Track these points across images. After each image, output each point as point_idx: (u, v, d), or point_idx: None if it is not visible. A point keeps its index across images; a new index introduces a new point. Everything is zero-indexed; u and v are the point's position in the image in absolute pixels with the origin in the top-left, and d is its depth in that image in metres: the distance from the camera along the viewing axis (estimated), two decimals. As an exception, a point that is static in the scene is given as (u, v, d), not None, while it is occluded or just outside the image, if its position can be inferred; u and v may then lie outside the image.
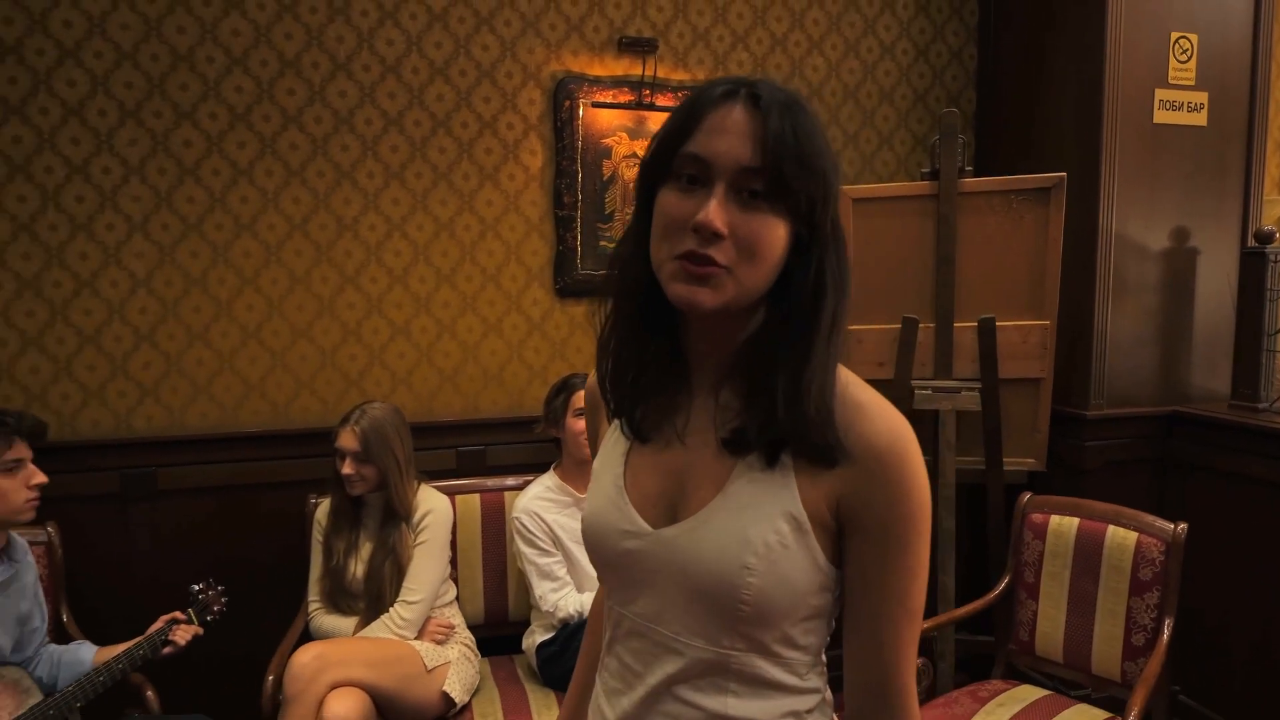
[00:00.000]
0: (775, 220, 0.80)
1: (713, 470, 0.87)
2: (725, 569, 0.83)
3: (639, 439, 0.92)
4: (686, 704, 0.87)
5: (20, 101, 2.38)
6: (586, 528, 0.93)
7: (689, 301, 0.81)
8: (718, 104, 0.82)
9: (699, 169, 0.81)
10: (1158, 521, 2.28)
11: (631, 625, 0.90)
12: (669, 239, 0.82)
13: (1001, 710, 2.26)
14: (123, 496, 2.49)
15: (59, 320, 2.46)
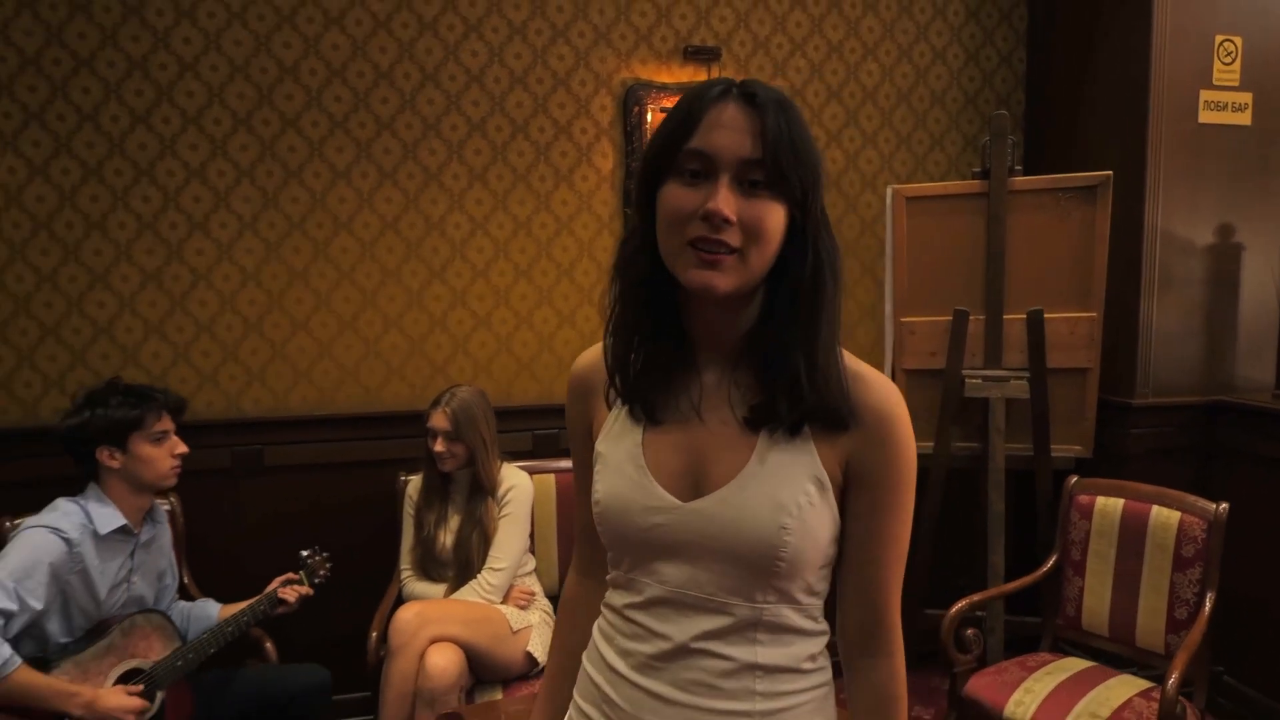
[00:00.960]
0: (776, 205, 0.88)
1: (736, 444, 0.93)
2: (764, 531, 0.90)
3: (652, 421, 0.96)
4: (718, 657, 0.93)
5: (145, 111, 2.63)
6: (605, 509, 0.97)
7: (706, 286, 0.87)
8: (714, 103, 0.88)
9: (702, 163, 0.87)
10: (1200, 501, 2.41)
11: (657, 594, 0.95)
12: (679, 229, 0.88)
13: (1049, 678, 2.40)
14: (233, 472, 2.73)
15: (178, 310, 2.71)
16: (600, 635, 1.03)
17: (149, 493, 2.09)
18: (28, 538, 1.88)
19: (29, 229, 2.59)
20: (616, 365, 0.97)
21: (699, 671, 0.93)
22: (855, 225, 3.25)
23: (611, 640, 0.99)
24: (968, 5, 3.25)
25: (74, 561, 1.92)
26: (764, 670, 0.94)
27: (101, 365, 2.66)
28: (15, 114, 2.55)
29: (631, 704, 0.96)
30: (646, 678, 0.95)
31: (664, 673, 0.94)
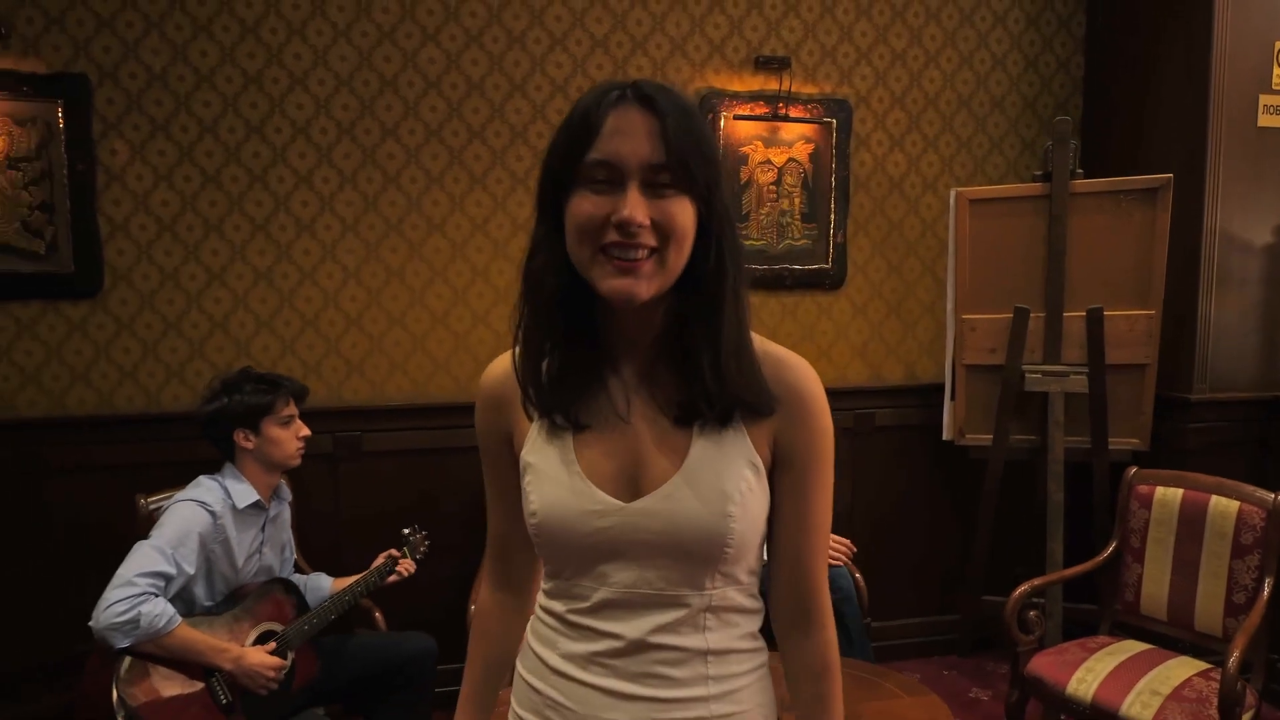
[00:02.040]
0: (685, 202, 0.87)
1: (669, 440, 0.94)
2: (711, 522, 0.91)
3: (577, 429, 0.95)
4: (670, 649, 0.94)
5: (259, 122, 2.85)
6: (544, 519, 0.95)
7: (627, 295, 0.87)
8: (611, 109, 0.87)
9: (608, 172, 0.86)
10: (1258, 491, 2.51)
11: (604, 596, 0.95)
12: (590, 238, 0.87)
13: (1110, 659, 2.52)
14: (334, 457, 2.94)
15: (286, 306, 2.92)
16: (538, 640, 1.02)
17: (277, 471, 2.29)
18: (178, 510, 2.09)
19: (154, 231, 2.82)
20: (528, 377, 0.95)
21: (652, 664, 0.94)
22: (916, 226, 3.38)
23: (553, 644, 0.99)
24: (1027, 13, 3.36)
25: (218, 532, 2.13)
26: (714, 654, 0.96)
27: (217, 357, 2.88)
28: (143, 125, 2.78)
29: (582, 703, 0.96)
30: (598, 675, 0.95)
31: (616, 669, 0.95)
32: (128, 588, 1.92)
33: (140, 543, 2.03)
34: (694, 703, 0.95)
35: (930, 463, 3.41)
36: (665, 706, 0.94)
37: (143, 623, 1.90)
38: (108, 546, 2.70)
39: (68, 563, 2.79)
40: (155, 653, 1.95)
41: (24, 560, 2.77)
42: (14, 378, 2.79)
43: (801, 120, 3.18)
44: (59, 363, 2.81)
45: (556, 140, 0.90)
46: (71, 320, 2.80)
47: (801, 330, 3.31)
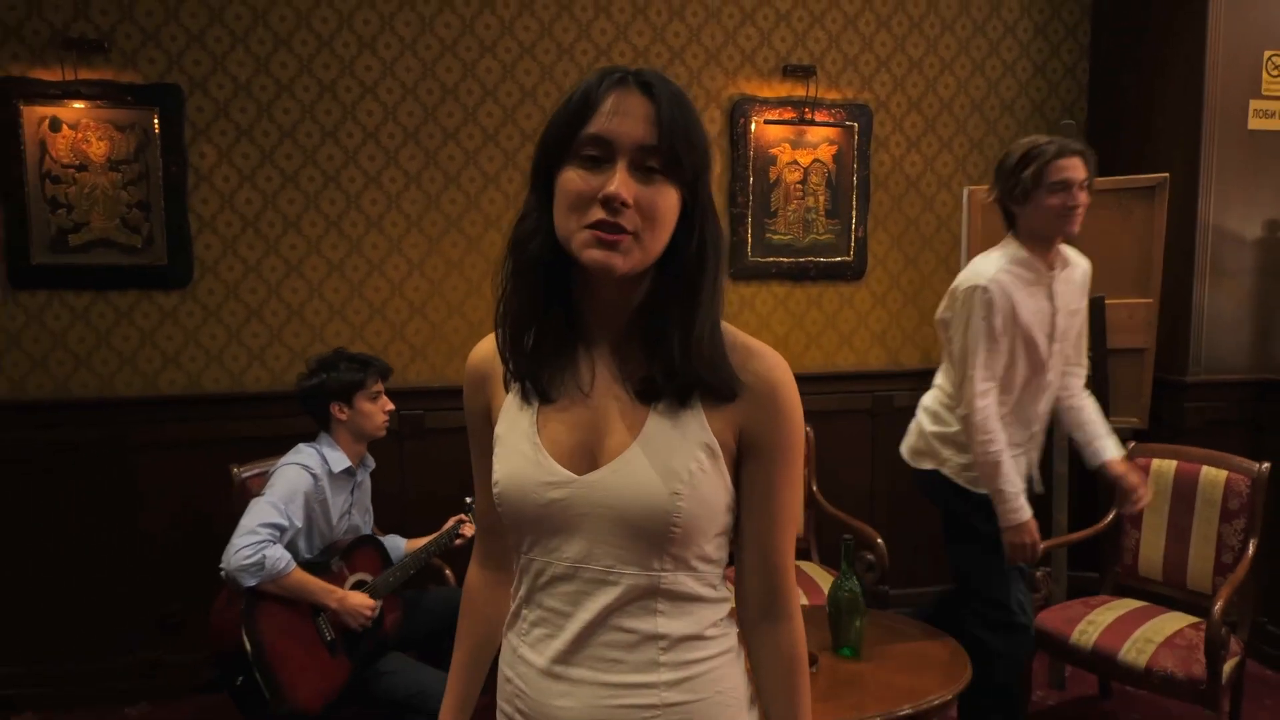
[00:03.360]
0: (669, 189, 0.90)
1: (628, 416, 0.96)
2: (657, 499, 0.92)
3: (544, 399, 0.97)
4: (621, 630, 0.95)
5: (333, 127, 3.12)
6: (504, 490, 0.97)
7: (604, 266, 0.89)
8: (612, 89, 0.90)
9: (601, 149, 0.89)
10: (1245, 462, 2.77)
11: (557, 571, 0.96)
12: (577, 212, 0.90)
13: (1109, 613, 2.78)
14: (399, 434, 3.21)
15: (356, 296, 3.20)
16: (507, 626, 1.05)
17: (365, 441, 2.57)
18: (286, 473, 2.37)
19: (239, 227, 3.11)
20: (509, 344, 0.98)
21: (603, 648, 0.95)
22: (932, 221, 3.64)
23: (524, 634, 1.01)
24: (1035, 23, 3.62)
25: (318, 492, 2.41)
26: (668, 640, 0.96)
27: (294, 342, 3.17)
28: (229, 131, 3.06)
29: (537, 690, 0.98)
30: (550, 661, 0.97)
31: (571, 655, 0.96)
32: (251, 535, 2.20)
33: (256, 499, 2.31)
34: (644, 689, 0.95)
35: (945, 441, 3.66)
36: (614, 692, 0.95)
37: (266, 565, 2.19)
38: (196, 512, 3.02)
39: (161, 527, 3.08)
40: (274, 592, 2.23)
41: (123, 525, 3.06)
42: (112, 361, 3.08)
43: (826, 124, 3.44)
44: (152, 347, 3.10)
45: (555, 116, 0.93)
46: (164, 308, 3.09)
47: (825, 318, 3.57)
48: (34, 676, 3.05)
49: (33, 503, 3.01)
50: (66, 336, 3.04)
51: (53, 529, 3.03)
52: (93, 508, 3.05)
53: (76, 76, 2.92)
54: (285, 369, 3.14)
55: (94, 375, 3.06)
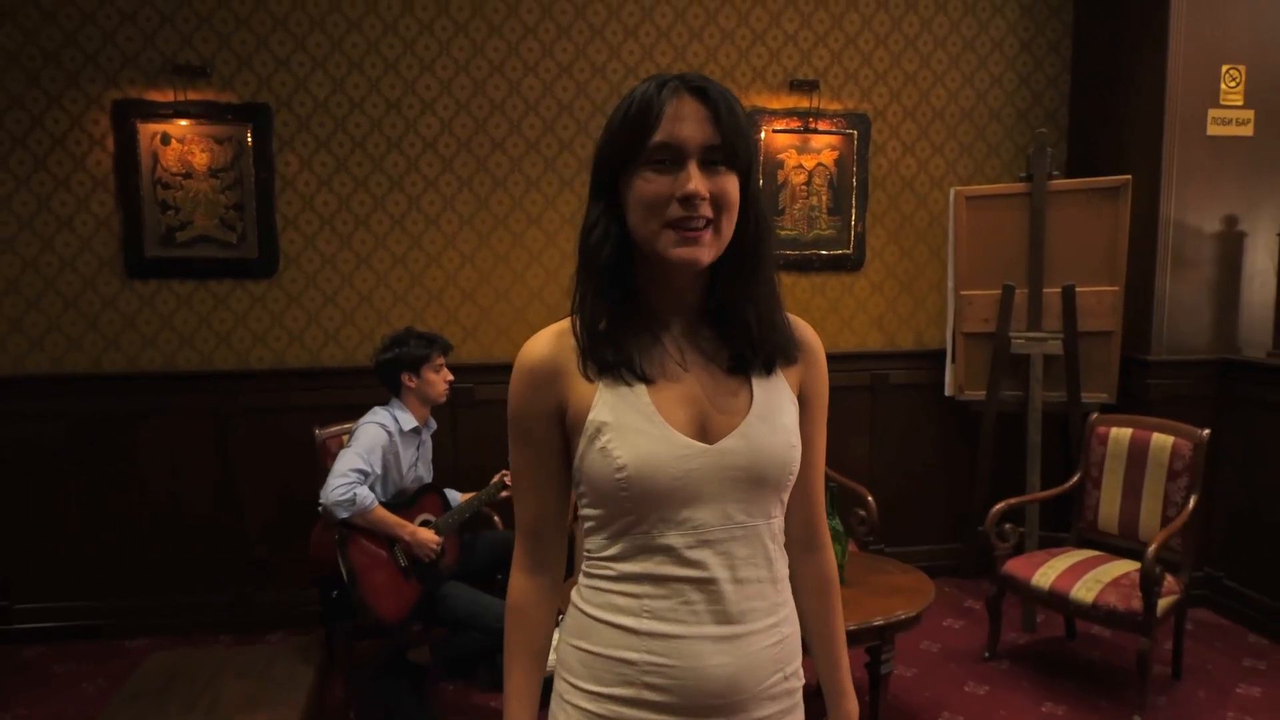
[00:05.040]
0: (733, 178, 0.99)
1: (730, 387, 1.05)
2: (782, 454, 1.04)
3: (645, 382, 1.02)
4: (753, 581, 1.04)
5: (398, 139, 3.62)
6: (636, 470, 0.99)
7: (692, 260, 0.98)
8: (670, 98, 0.97)
9: (669, 153, 0.97)
10: (1188, 428, 3.16)
11: (692, 540, 1.01)
12: (655, 213, 0.97)
13: (1067, 559, 3.19)
14: (453, 404, 3.68)
15: (416, 285, 3.70)
16: (614, 612, 1.03)
17: (429, 405, 3.05)
18: (367, 429, 2.87)
19: (317, 225, 3.62)
20: (592, 339, 1.02)
21: (743, 600, 1.02)
22: (925, 218, 4.05)
23: (637, 611, 1.02)
24: (1021, 39, 4.01)
25: (392, 446, 2.90)
26: (779, 580, 1.08)
27: (364, 324, 3.67)
28: (310, 143, 3.57)
29: (685, 657, 1.00)
30: (694, 625, 1.01)
31: (713, 613, 1.01)
32: (344, 478, 2.70)
33: (344, 450, 2.81)
34: (771, 629, 1.05)
35: (936, 415, 4.09)
36: (757, 637, 1.03)
37: (357, 501, 2.69)
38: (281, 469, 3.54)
39: (251, 482, 3.61)
40: (360, 524, 2.73)
41: (220, 479, 3.60)
42: (211, 340, 3.61)
43: (828, 132, 3.88)
44: (244, 328, 3.62)
45: (616, 127, 1.00)
46: (254, 295, 3.61)
47: (828, 304, 4.01)
48: (143, 610, 3.59)
49: (143, 460, 3.56)
50: (173, 319, 3.57)
51: (161, 483, 3.57)
52: (194, 465, 3.58)
53: (184, 98, 3.45)
54: (356, 347, 3.65)
55: (196, 352, 3.60)
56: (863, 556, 3.03)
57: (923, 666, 3.31)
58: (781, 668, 1.06)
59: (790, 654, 1.08)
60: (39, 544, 3.53)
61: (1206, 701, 3.03)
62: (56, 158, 3.44)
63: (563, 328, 1.06)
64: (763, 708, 1.04)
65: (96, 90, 3.43)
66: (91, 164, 3.46)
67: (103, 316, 3.53)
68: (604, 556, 1.05)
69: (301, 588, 3.29)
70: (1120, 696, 3.05)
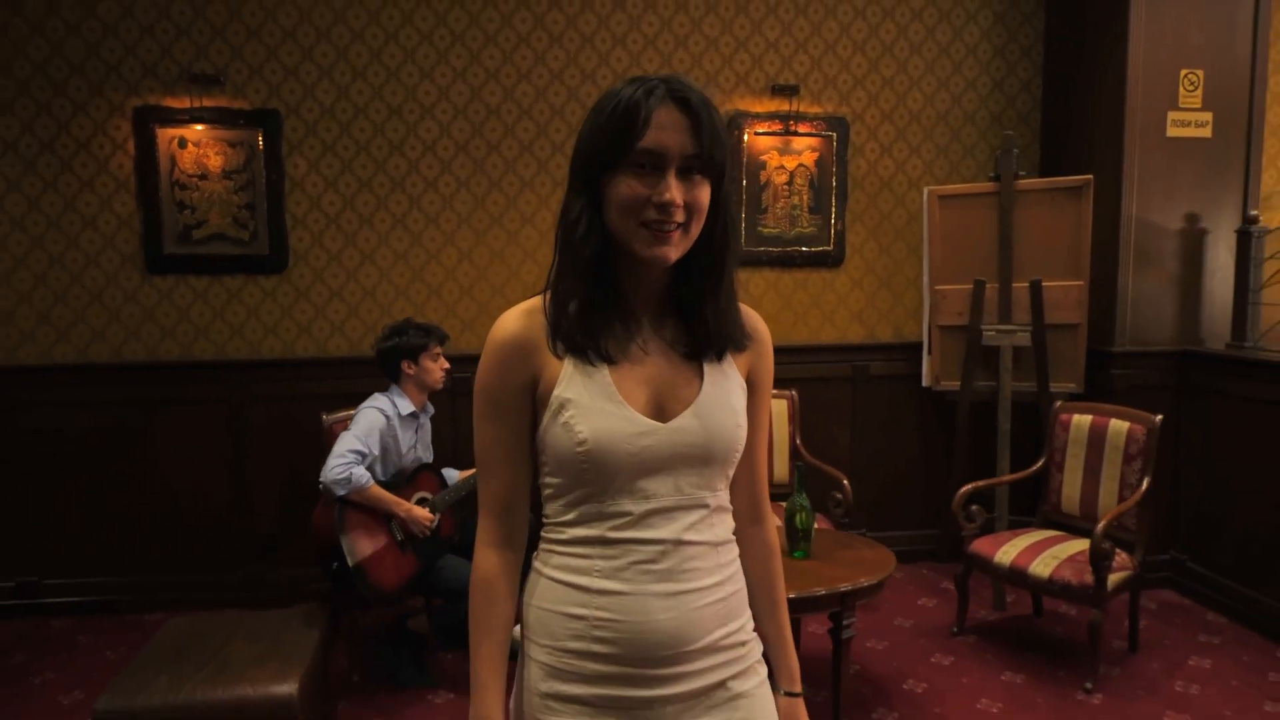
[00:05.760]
0: (707, 185, 1.07)
1: (685, 371, 1.14)
2: (730, 434, 1.14)
3: (608, 362, 1.10)
4: (698, 544, 1.13)
5: (399, 142, 3.84)
6: (595, 444, 1.07)
7: (661, 258, 1.06)
8: (658, 105, 1.03)
9: (651, 159, 1.03)
10: (1143, 414, 3.34)
11: (646, 509, 1.10)
12: (633, 213, 1.05)
13: (1028, 539, 3.38)
14: (452, 392, 3.90)
15: (417, 280, 3.92)
16: (567, 571, 1.12)
17: (426, 392, 3.27)
18: (365, 414, 3.08)
19: (324, 224, 3.84)
20: (563, 319, 1.10)
21: (685, 560, 1.11)
22: (903, 216, 4.24)
23: (588, 570, 1.11)
24: (994, 45, 4.20)
25: (390, 429, 3.12)
26: (721, 545, 1.16)
27: (368, 317, 3.89)
28: (317, 146, 3.79)
29: (631, 612, 1.09)
30: (642, 582, 1.10)
31: (658, 572, 1.10)
32: (341, 458, 2.92)
33: (344, 433, 3.03)
34: (714, 588, 1.14)
35: (915, 404, 4.28)
36: (698, 595, 1.12)
37: (352, 480, 2.90)
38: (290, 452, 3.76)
39: (263, 465, 3.83)
40: (358, 501, 2.94)
41: (233, 463, 3.83)
42: (225, 331, 3.84)
43: (808, 134, 4.07)
44: (256, 320, 3.85)
45: (601, 126, 1.06)
46: (265, 289, 3.84)
47: (810, 299, 4.20)
48: (160, 586, 3.83)
49: (162, 445, 3.79)
50: (190, 312, 3.81)
51: (178, 466, 3.81)
52: (208, 449, 3.82)
53: (199, 104, 3.68)
54: (361, 338, 3.88)
55: (211, 343, 3.83)
56: (834, 534, 3.22)
57: (894, 640, 3.50)
58: (725, 623, 1.15)
59: (734, 612, 1.17)
60: (65, 524, 3.77)
61: (1158, 672, 3.21)
62: (81, 161, 3.68)
63: (533, 305, 1.13)
64: (707, 658, 1.13)
65: (119, 98, 3.67)
66: (114, 167, 3.70)
67: (124, 309, 3.77)
68: (560, 521, 1.13)
69: (310, 565, 3.50)
70: (1077, 667, 3.23)
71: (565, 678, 1.11)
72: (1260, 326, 3.71)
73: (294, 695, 2.49)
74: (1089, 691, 3.05)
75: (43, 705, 3.04)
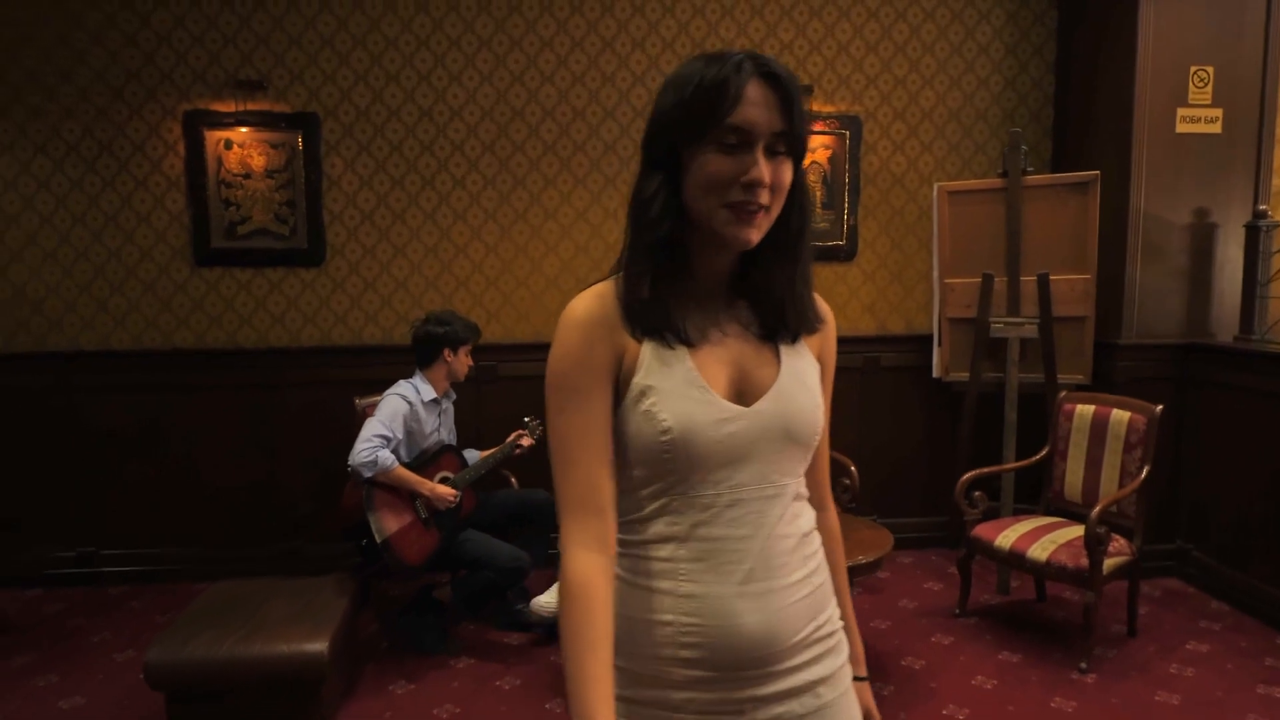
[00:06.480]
0: (789, 164, 1.04)
1: (763, 353, 1.10)
2: (811, 415, 1.10)
3: (688, 345, 1.06)
4: (786, 536, 1.08)
5: (430, 142, 4.06)
6: (680, 433, 1.02)
7: (744, 239, 1.02)
8: (748, 82, 0.99)
9: (740, 136, 0.99)
10: (1144, 404, 3.42)
11: (731, 498, 1.05)
12: (716, 191, 1.00)
13: (1028, 525, 3.48)
14: (478, 380, 4.12)
15: (446, 272, 4.14)
16: (653, 577, 1.06)
17: (450, 381, 3.47)
18: (389, 400, 3.29)
19: (359, 219, 4.07)
20: (637, 301, 1.05)
21: (777, 555, 1.07)
22: (915, 211, 4.35)
23: (673, 574, 1.05)
24: (1006, 44, 4.28)
25: (413, 414, 3.32)
26: (805, 536, 1.12)
27: (400, 307, 4.12)
28: (353, 147, 4.03)
29: (723, 616, 1.04)
30: (740, 584, 1.04)
31: (755, 570, 1.05)
32: (367, 442, 3.13)
33: (369, 419, 3.24)
34: (803, 582, 1.09)
35: (924, 395, 4.39)
36: (787, 592, 1.07)
37: (379, 462, 3.12)
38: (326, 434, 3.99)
39: (300, 445, 4.08)
40: (384, 482, 3.16)
41: (273, 443, 4.08)
42: (266, 320, 4.09)
43: (822, 132, 4.20)
44: (295, 310, 4.10)
45: (684, 101, 1.01)
46: (304, 281, 4.09)
47: (823, 292, 4.31)
48: (206, 559, 4.09)
49: (207, 427, 4.06)
50: (234, 301, 4.07)
51: (222, 447, 4.07)
52: (251, 430, 4.07)
53: (244, 108, 3.93)
54: (393, 327, 4.10)
55: (254, 331, 4.09)
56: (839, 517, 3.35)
57: (896, 620, 3.63)
58: (815, 617, 1.10)
59: (822, 602, 1.13)
60: (120, 500, 4.06)
61: (1154, 655, 3.29)
62: (137, 161, 3.96)
63: (603, 290, 1.08)
64: (800, 655, 1.09)
65: (171, 103, 3.94)
66: (166, 167, 3.97)
67: (175, 300, 4.04)
68: (636, 518, 1.08)
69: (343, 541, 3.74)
70: (1073, 649, 3.33)
71: (650, 684, 1.06)
72: (1268, 319, 3.75)
73: (324, 652, 2.72)
74: (1083, 671, 3.15)
75: (99, 662, 3.31)
